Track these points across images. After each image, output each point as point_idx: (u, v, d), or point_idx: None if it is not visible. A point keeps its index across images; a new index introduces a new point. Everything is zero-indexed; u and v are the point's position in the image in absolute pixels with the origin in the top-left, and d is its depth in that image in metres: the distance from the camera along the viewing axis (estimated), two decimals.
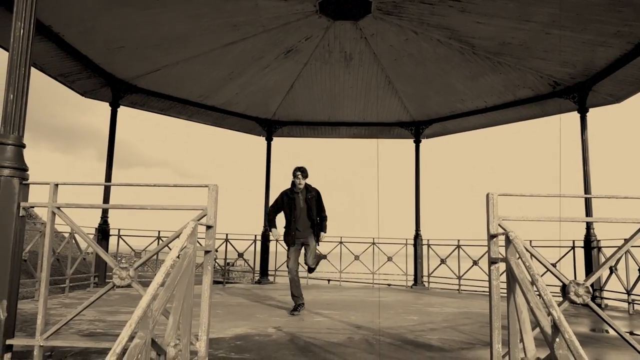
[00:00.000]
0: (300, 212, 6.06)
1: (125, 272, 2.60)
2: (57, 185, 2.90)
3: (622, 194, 2.99)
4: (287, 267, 6.11)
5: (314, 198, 6.13)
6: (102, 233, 7.93)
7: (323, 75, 8.55)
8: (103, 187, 8.02)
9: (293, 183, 6.14)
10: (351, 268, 10.07)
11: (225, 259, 10.27)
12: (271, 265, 10.24)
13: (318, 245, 6.29)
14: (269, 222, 6.31)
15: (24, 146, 2.93)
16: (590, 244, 7.51)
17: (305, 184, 6.15)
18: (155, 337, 1.92)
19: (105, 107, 8.42)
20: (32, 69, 6.82)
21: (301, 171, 6.09)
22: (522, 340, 2.05)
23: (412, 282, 9.98)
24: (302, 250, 6.12)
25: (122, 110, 8.91)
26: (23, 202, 2.85)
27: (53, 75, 7.32)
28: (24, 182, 2.87)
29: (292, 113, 10.28)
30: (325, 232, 6.19)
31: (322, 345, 3.93)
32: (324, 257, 6.41)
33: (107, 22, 6.27)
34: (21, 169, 2.87)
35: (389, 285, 10.18)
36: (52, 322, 2.86)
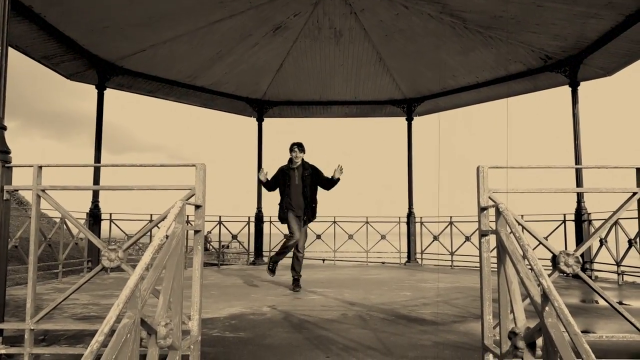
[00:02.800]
0: (295, 188, 5.94)
1: (114, 253, 2.57)
2: (41, 167, 2.84)
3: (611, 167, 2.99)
4: (290, 234, 5.89)
5: (310, 175, 6.00)
6: (94, 217, 7.88)
7: (313, 53, 8.43)
8: (93, 172, 7.93)
9: (290, 160, 6.06)
10: (345, 247, 10.12)
11: (220, 241, 10.28)
12: (265, 246, 10.27)
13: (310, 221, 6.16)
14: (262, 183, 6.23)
15: (4, 128, 2.86)
16: (580, 217, 7.57)
17: (303, 160, 6.06)
18: (145, 317, 1.90)
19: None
20: (16, 53, 6.71)
21: (298, 146, 5.96)
22: (512, 311, 2.06)
23: (406, 260, 10.06)
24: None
25: (117, 95, 8.79)
26: (6, 185, 2.79)
27: (36, 58, 7.15)
28: (6, 165, 2.81)
29: (282, 93, 10.16)
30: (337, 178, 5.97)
31: (316, 322, 3.95)
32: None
33: (90, 1, 6.10)
34: (3, 151, 2.81)
35: (382, 263, 10.25)
36: (45, 307, 2.84)
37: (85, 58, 7.60)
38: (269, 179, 6.11)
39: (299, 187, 5.93)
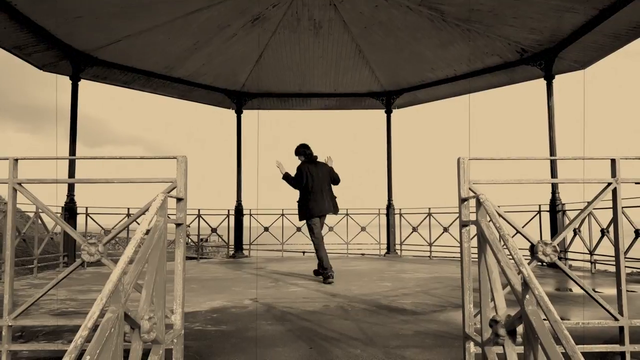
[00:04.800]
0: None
1: (94, 247, 2.53)
2: (16, 160, 2.76)
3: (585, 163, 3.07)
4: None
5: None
6: (69, 212, 7.70)
7: (292, 44, 8.38)
8: (67, 166, 7.75)
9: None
10: (326, 239, 10.09)
11: (199, 234, 10.19)
12: (245, 239, 10.23)
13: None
14: None
15: None
16: (555, 208, 7.76)
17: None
18: (129, 312, 1.88)
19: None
20: None
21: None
22: (493, 299, 2.10)
23: (385, 251, 10.17)
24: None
25: (95, 87, 8.57)
26: None
27: (7, 48, 6.92)
28: None
29: (261, 85, 10.08)
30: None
31: (298, 314, 3.97)
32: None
33: None
34: None
35: (362, 254, 10.33)
36: (22, 303, 2.77)
37: (59, 48, 7.39)
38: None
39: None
